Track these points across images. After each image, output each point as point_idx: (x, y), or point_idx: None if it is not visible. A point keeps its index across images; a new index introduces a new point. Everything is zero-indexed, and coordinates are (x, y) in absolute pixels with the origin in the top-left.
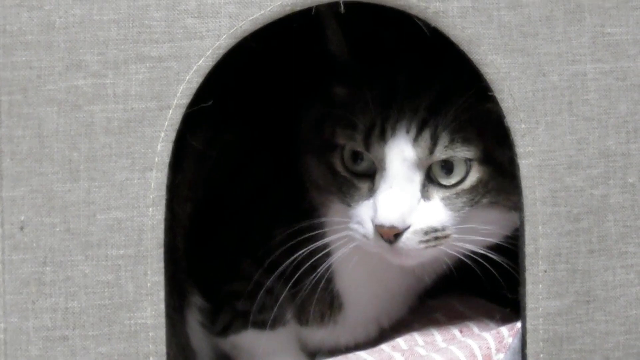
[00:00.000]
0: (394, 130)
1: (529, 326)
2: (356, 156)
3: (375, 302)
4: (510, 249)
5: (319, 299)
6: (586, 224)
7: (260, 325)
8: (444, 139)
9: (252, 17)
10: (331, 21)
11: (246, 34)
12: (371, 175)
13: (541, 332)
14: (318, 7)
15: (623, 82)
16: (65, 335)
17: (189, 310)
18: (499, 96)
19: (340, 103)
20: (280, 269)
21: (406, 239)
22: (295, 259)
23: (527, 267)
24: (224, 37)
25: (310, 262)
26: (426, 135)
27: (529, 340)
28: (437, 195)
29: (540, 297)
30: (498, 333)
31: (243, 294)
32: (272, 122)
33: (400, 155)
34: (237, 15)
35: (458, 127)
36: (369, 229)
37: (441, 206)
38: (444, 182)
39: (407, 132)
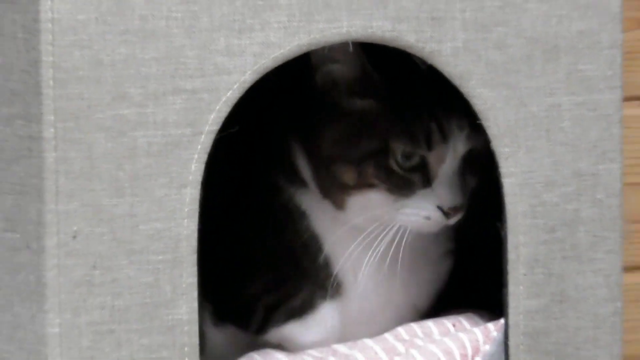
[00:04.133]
0: (451, 132)
1: (511, 322)
2: (409, 155)
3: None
4: (494, 256)
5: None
6: (560, 235)
7: (330, 298)
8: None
9: (273, 56)
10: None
11: (268, 70)
12: (421, 167)
13: (521, 327)
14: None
15: (594, 112)
16: (112, 329)
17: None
18: (486, 124)
19: (371, 115)
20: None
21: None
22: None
23: (509, 271)
24: (249, 72)
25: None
26: (468, 131)
27: (511, 334)
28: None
29: (521, 297)
30: (485, 328)
31: (263, 292)
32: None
33: (459, 151)
34: (260, 54)
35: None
36: (433, 211)
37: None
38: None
39: (460, 130)
